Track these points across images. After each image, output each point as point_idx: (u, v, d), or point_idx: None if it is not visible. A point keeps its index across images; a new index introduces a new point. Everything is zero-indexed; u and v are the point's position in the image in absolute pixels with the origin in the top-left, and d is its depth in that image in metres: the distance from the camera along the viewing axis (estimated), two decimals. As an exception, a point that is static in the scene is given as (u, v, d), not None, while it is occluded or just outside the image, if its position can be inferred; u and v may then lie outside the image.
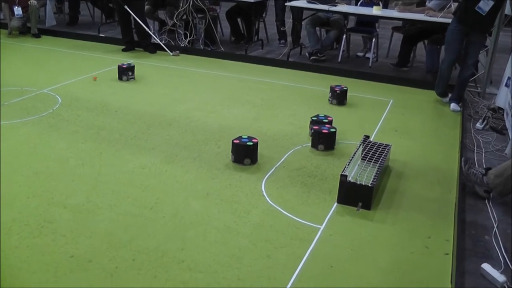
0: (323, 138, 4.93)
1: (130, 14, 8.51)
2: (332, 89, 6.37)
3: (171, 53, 8.64)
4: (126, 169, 4.51)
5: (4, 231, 3.57)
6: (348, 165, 4.17)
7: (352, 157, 4.34)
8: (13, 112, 5.84)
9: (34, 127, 5.44)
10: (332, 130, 4.98)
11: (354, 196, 3.95)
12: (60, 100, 6.23)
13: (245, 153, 4.62)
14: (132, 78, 7.19)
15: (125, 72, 7.16)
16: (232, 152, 4.69)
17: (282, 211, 3.90)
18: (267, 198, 4.07)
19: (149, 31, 8.77)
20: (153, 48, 8.83)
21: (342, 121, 5.79)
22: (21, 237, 3.50)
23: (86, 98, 6.34)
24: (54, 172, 4.46)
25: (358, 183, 3.93)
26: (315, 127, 4.99)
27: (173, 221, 3.72)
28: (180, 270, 3.18)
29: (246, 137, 4.71)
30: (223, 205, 3.96)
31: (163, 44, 8.80)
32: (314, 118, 5.27)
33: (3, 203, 3.93)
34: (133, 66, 7.26)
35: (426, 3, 7.73)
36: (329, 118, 5.27)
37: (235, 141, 4.64)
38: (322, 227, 3.70)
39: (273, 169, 4.57)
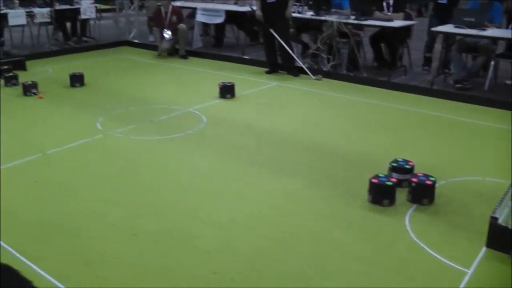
0: (429, 192, 4.39)
1: (275, 37, 8.67)
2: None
3: (313, 77, 8.69)
4: (268, 192, 4.58)
5: (151, 240, 3.76)
6: (499, 206, 3.94)
7: (503, 198, 4.10)
8: (161, 128, 6.15)
9: (180, 144, 5.67)
10: (432, 179, 4.42)
11: (505, 241, 3.68)
12: (205, 120, 6.44)
13: (383, 193, 4.33)
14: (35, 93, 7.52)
15: (29, 89, 7.50)
16: (369, 192, 4.40)
17: (427, 249, 3.74)
18: (411, 234, 3.93)
19: (293, 54, 8.87)
20: (296, 71, 8.92)
21: (486, 155, 5.55)
22: (168, 248, 3.67)
23: (230, 119, 6.53)
24: (199, 188, 4.62)
25: (510, 227, 3.69)
26: (414, 180, 4.38)
27: (314, 249, 3.71)
28: (320, 299, 3.16)
29: (384, 175, 4.49)
30: (364, 236, 3.90)
31: (306, 67, 8.87)
32: (394, 164, 4.69)
33: (151, 214, 4.14)
34: (37, 83, 7.60)
35: None
36: (410, 163, 4.73)
37: (373, 180, 4.37)
38: (470, 272, 3.50)
39: (415, 206, 4.38)
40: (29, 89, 7.47)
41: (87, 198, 4.41)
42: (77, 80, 8.00)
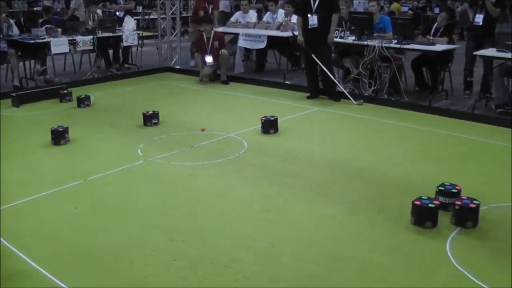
0: (472, 214, 4.38)
1: (317, 62, 8.69)
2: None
3: (355, 102, 8.66)
4: (310, 217, 4.56)
5: (190, 265, 3.77)
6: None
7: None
8: (202, 154, 6.19)
9: (221, 169, 5.70)
10: (476, 202, 4.42)
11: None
12: (246, 145, 6.47)
13: (426, 215, 4.37)
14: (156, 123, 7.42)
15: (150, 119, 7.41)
16: (412, 213, 4.45)
17: (469, 275, 3.68)
18: (453, 260, 3.88)
19: (334, 79, 8.87)
20: (338, 96, 8.90)
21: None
22: (206, 274, 3.67)
23: (272, 144, 6.53)
24: (240, 214, 4.63)
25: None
26: (458, 203, 4.41)
27: (358, 275, 3.68)
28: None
29: (427, 198, 4.48)
30: (407, 262, 3.85)
31: (347, 92, 8.84)
32: (441, 188, 4.73)
33: (191, 239, 4.16)
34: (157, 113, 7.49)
35: None
36: (457, 187, 4.73)
37: (415, 202, 4.42)
38: (514, 298, 3.45)
39: (459, 229, 4.34)
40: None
41: (128, 224, 4.46)
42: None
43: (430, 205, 4.37)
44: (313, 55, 8.71)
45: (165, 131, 7.09)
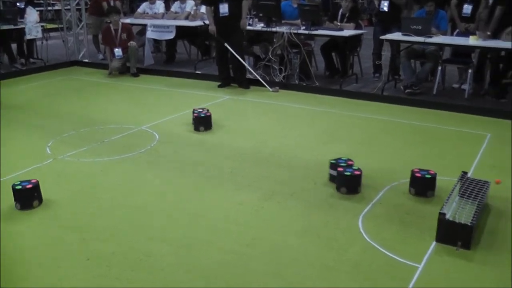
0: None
1: (228, 51, 8.68)
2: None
3: (271, 89, 8.71)
4: (223, 205, 4.56)
5: (105, 263, 3.70)
6: (447, 202, 4.03)
7: (450, 194, 4.19)
8: (113, 148, 6.06)
9: (133, 163, 5.61)
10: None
11: (453, 235, 3.81)
12: (157, 137, 6.40)
13: (342, 181, 4.74)
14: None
15: None
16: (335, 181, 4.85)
17: (380, 248, 3.81)
18: (365, 235, 4.00)
19: (248, 67, 8.90)
20: (247, 84, 8.96)
21: (439, 156, 5.65)
22: (121, 270, 3.61)
23: (183, 135, 6.50)
24: (152, 207, 4.57)
25: (457, 221, 3.79)
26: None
27: (271, 259, 3.71)
28: (278, 309, 3.16)
29: (350, 170, 4.79)
30: (320, 242, 3.92)
31: (262, 79, 8.88)
32: (333, 162, 5.03)
33: (104, 236, 4.07)
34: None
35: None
36: (349, 163, 5.01)
37: (339, 169, 4.79)
38: (421, 266, 3.59)
39: (370, 205, 4.49)
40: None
41: (38, 226, 4.30)
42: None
43: (346, 173, 4.75)
44: (226, 44, 8.70)
45: (74, 127, 6.90)
